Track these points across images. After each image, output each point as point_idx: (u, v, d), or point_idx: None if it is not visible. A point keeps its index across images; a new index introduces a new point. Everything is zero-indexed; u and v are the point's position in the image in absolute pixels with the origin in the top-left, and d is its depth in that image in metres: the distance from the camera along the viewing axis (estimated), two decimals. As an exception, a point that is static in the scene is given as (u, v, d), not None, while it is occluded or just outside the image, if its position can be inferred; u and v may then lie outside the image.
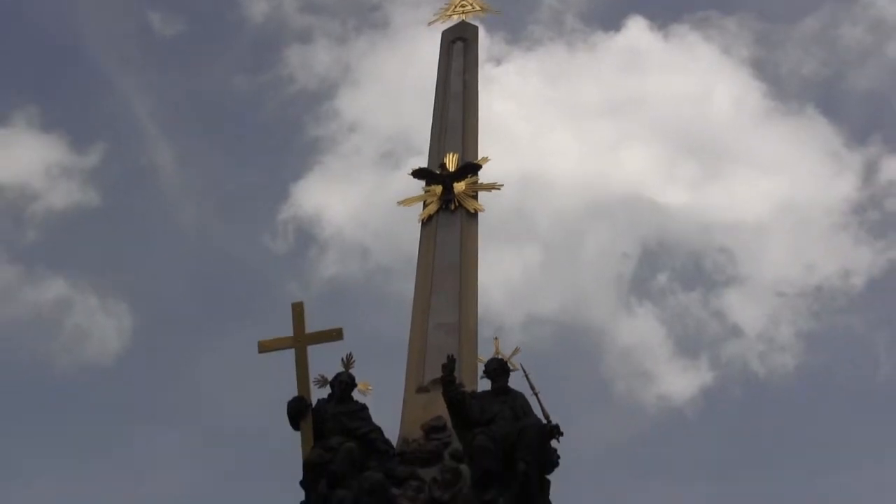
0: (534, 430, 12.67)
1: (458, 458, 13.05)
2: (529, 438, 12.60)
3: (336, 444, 13.20)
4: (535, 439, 12.63)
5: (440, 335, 14.54)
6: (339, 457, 13.07)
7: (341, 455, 13.08)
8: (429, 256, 15.48)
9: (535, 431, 12.67)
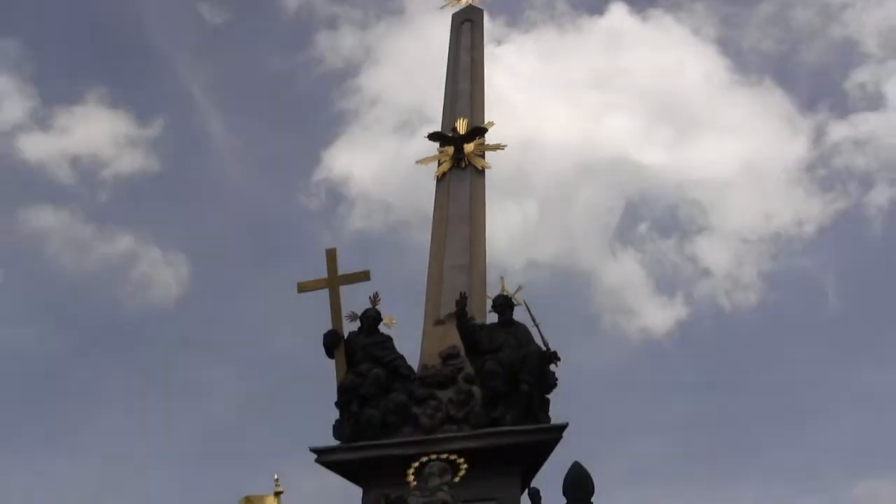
0: (535, 356, 12.69)
1: (471, 381, 13.04)
2: (531, 363, 12.62)
3: (365, 370, 13.23)
4: (537, 364, 12.65)
5: (454, 275, 14.51)
6: (368, 381, 13.09)
7: (370, 380, 13.10)
8: (443, 208, 15.46)
9: (537, 357, 12.69)
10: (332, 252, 14.04)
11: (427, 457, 12.17)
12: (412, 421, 12.86)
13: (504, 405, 12.50)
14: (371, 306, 13.87)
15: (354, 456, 12.78)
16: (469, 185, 15.60)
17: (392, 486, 12.05)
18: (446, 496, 11.49)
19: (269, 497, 12.09)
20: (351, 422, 12.93)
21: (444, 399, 12.97)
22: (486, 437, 12.44)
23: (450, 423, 12.75)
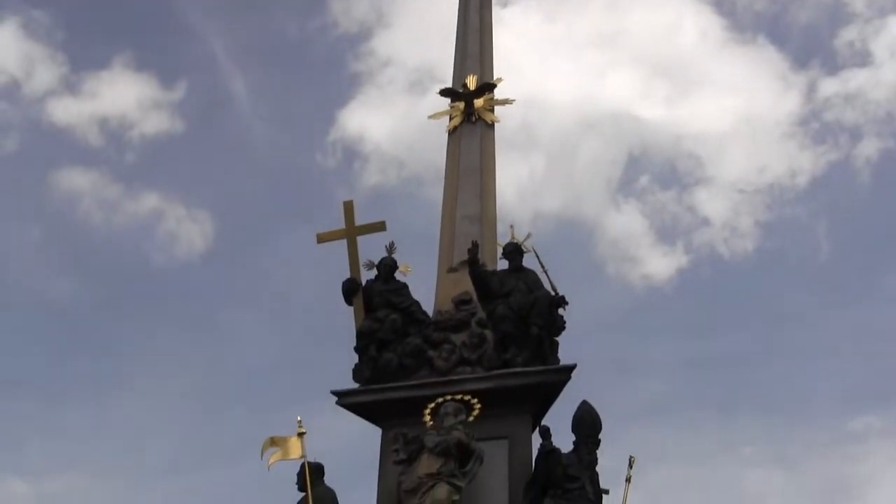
0: (544, 300, 12.65)
1: (483, 325, 13.02)
2: (541, 307, 12.58)
3: (382, 316, 13.22)
4: (546, 308, 12.61)
5: (466, 225, 14.45)
6: (386, 326, 13.10)
7: (387, 325, 13.10)
8: (454, 160, 15.37)
9: (546, 301, 12.65)
10: (349, 204, 14.03)
11: (442, 398, 12.20)
12: (428, 364, 12.87)
13: (515, 347, 12.48)
14: (387, 255, 13.85)
15: (373, 398, 12.81)
16: (479, 139, 15.50)
17: (409, 426, 12.08)
18: (461, 434, 11.51)
19: (293, 438, 12.11)
20: (369, 365, 12.94)
21: (457, 342, 12.96)
22: (499, 378, 12.45)
23: (463, 366, 12.75)
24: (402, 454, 11.72)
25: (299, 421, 12.18)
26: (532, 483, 11.24)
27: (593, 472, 11.35)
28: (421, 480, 11.33)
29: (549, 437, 11.07)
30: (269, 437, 12.15)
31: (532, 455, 11.77)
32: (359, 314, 13.42)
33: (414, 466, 11.54)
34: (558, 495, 10.94)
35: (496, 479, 11.88)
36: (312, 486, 11.74)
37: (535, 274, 13.12)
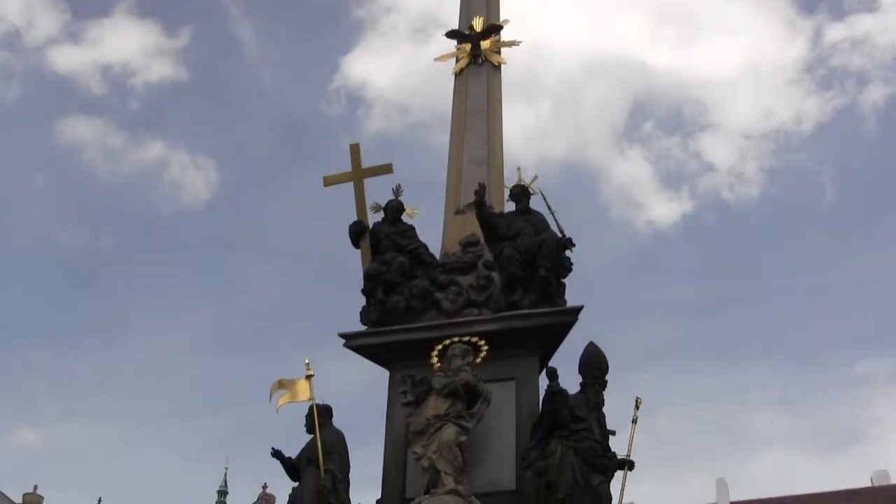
0: (551, 242, 12.60)
1: (490, 267, 12.99)
2: (548, 249, 12.54)
3: (390, 258, 13.20)
4: (553, 249, 12.57)
5: (472, 167, 14.35)
6: (393, 268, 13.08)
7: (394, 267, 13.09)
8: (461, 103, 15.23)
9: (553, 243, 12.61)
10: (356, 147, 13.95)
11: (450, 339, 12.19)
12: (435, 306, 12.87)
13: (522, 289, 12.47)
14: (394, 197, 13.82)
15: (380, 340, 12.81)
16: (486, 81, 15.34)
17: (417, 368, 12.08)
18: (468, 376, 11.53)
19: (301, 380, 12.14)
20: (377, 308, 12.94)
21: (464, 284, 12.95)
22: (506, 319, 12.44)
23: (471, 307, 12.74)
24: (410, 396, 11.75)
25: (307, 363, 12.21)
26: (539, 424, 11.24)
27: (600, 414, 11.34)
28: (428, 422, 11.37)
29: (555, 379, 11.06)
30: (277, 380, 12.19)
31: (539, 396, 11.76)
32: (366, 257, 13.40)
33: (421, 408, 11.57)
34: (565, 436, 10.94)
35: (503, 421, 11.92)
36: (321, 428, 11.77)
37: (541, 216, 13.06)
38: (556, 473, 10.72)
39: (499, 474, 11.72)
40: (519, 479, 11.57)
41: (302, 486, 11.63)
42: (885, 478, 44.15)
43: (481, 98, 15.14)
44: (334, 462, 11.59)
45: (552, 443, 10.92)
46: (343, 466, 11.66)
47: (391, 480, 12.11)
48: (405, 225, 13.68)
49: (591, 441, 10.98)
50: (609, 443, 11.28)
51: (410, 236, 13.53)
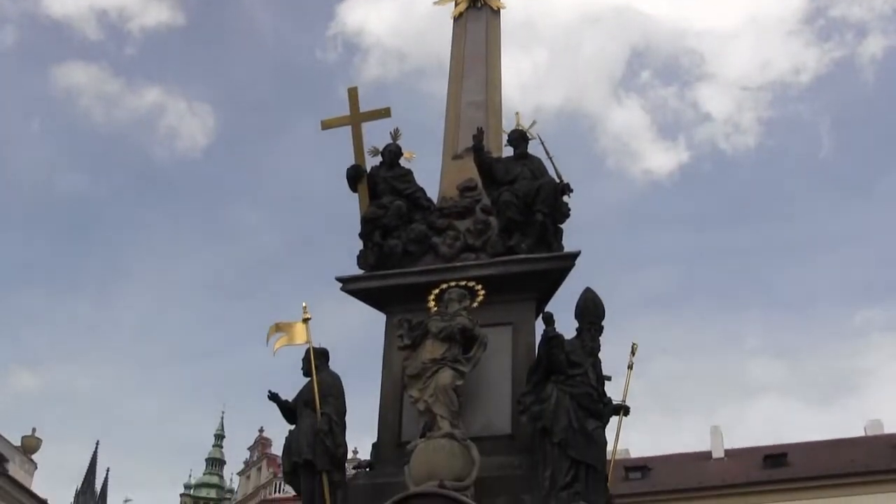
0: (549, 187, 12.57)
1: (488, 212, 12.99)
2: (546, 193, 12.51)
3: (387, 202, 13.18)
4: (551, 194, 12.54)
5: (471, 111, 14.27)
6: (390, 212, 13.07)
7: (392, 211, 13.07)
8: (460, 46, 15.12)
9: (551, 188, 12.58)
10: (354, 90, 13.85)
11: (446, 284, 12.19)
12: (432, 250, 12.87)
13: (520, 234, 12.46)
14: (392, 141, 13.77)
15: (378, 284, 12.82)
16: (485, 25, 15.21)
17: (413, 312, 12.09)
18: (465, 320, 11.56)
19: (298, 324, 12.16)
20: (374, 251, 12.93)
21: (462, 229, 12.95)
22: (503, 264, 12.44)
23: (468, 252, 12.75)
24: (407, 339, 11.77)
25: (304, 307, 12.21)
26: (535, 369, 11.27)
27: (596, 359, 11.36)
28: (425, 366, 11.40)
29: (552, 324, 11.07)
30: (274, 323, 12.20)
31: (535, 341, 11.78)
32: (363, 201, 13.37)
33: (418, 352, 11.60)
34: (561, 381, 10.97)
35: (499, 365, 11.94)
36: (318, 371, 11.80)
37: (539, 161, 13.01)
38: (552, 418, 10.75)
39: (494, 418, 11.79)
40: (514, 424, 11.63)
41: (298, 429, 11.67)
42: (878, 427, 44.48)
43: (480, 42, 15.03)
44: (331, 405, 11.63)
45: (548, 388, 10.95)
46: (339, 409, 11.71)
47: (387, 424, 12.17)
48: (403, 169, 13.64)
49: (587, 386, 11.01)
50: (605, 388, 11.31)
51: (408, 180, 13.50)
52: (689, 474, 40.91)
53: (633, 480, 40.05)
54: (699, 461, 42.98)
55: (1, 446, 37.19)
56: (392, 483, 11.13)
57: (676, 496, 39.06)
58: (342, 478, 11.52)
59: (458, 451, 10.91)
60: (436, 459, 10.83)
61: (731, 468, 41.45)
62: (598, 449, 10.83)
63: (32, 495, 38.28)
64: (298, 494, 11.69)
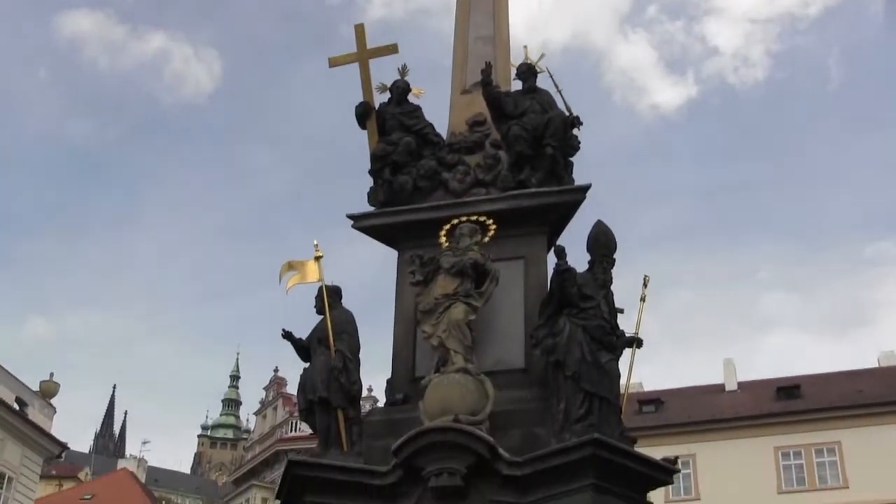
0: (559, 120, 12.50)
1: (497, 146, 12.92)
2: (555, 127, 12.44)
3: (396, 138, 13.12)
4: (560, 127, 12.47)
5: (478, 46, 14.12)
6: (400, 148, 13.02)
7: (401, 147, 13.02)
8: (467, -20, 14.95)
9: (560, 121, 12.50)
10: (360, 27, 13.75)
11: (457, 219, 12.18)
12: (442, 185, 12.84)
13: (530, 168, 12.42)
14: (400, 77, 13.67)
15: (388, 220, 12.82)
16: (492, -43, 15.01)
17: (425, 248, 12.10)
18: (477, 255, 11.56)
19: (310, 262, 12.15)
20: (384, 188, 12.91)
21: (472, 164, 12.90)
22: (513, 198, 12.41)
23: (478, 187, 12.71)
24: (419, 275, 11.79)
25: (316, 245, 12.20)
26: (547, 302, 11.27)
27: (608, 292, 11.35)
28: (437, 301, 11.43)
29: (564, 257, 11.04)
30: (286, 261, 12.20)
31: (547, 275, 11.78)
32: (372, 137, 13.31)
33: (430, 287, 11.63)
34: (573, 314, 10.97)
35: (512, 299, 11.97)
36: (331, 309, 11.83)
37: (549, 94, 12.92)
38: (565, 351, 10.76)
39: (507, 353, 11.83)
40: (527, 358, 11.68)
41: (312, 367, 11.71)
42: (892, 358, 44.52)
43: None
44: (344, 342, 11.66)
45: (560, 321, 10.95)
46: (353, 346, 11.74)
47: (401, 360, 12.23)
48: (411, 105, 13.53)
49: (600, 319, 11.00)
50: (617, 321, 11.31)
51: (417, 116, 13.41)
52: (702, 407, 41.09)
53: (647, 413, 40.27)
54: (712, 394, 43.16)
55: (20, 391, 37.49)
56: (407, 418, 11.20)
57: (689, 429, 39.26)
58: (357, 414, 11.58)
59: (472, 386, 10.97)
60: (450, 394, 10.89)
61: (744, 400, 41.62)
62: (612, 381, 10.84)
63: (52, 439, 38.66)
64: (314, 432, 11.76)
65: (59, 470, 63.73)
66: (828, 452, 38.49)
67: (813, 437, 38.50)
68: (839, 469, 38.12)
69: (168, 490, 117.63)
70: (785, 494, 38.08)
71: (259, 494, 51.80)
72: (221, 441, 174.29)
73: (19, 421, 36.40)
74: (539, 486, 10.43)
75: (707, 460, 38.43)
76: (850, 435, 38.00)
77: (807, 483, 38.30)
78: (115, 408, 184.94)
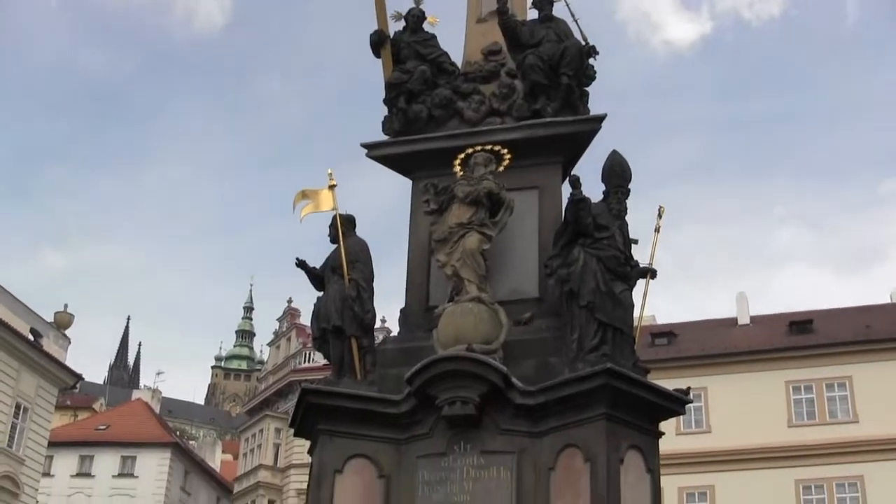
0: (574, 49, 12.36)
1: (513, 76, 12.82)
2: (571, 56, 12.31)
3: (411, 67, 13.00)
4: (576, 57, 12.34)
5: (494, -24, 13.96)
6: (415, 77, 12.91)
7: (416, 75, 12.92)
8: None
9: (576, 50, 12.37)
10: (375, -45, 13.58)
11: (472, 148, 12.14)
12: (457, 115, 12.76)
13: (545, 97, 12.33)
14: (415, 5, 13.55)
15: (403, 149, 12.77)
16: None
17: (439, 177, 12.10)
18: (491, 184, 11.54)
19: (324, 190, 12.14)
20: (399, 117, 12.84)
21: (487, 93, 12.80)
22: (528, 128, 12.35)
23: (493, 116, 12.64)
24: (433, 204, 11.79)
25: (330, 173, 12.18)
26: (562, 232, 11.25)
27: (622, 222, 11.33)
28: (452, 230, 11.42)
29: (578, 187, 10.99)
30: (300, 190, 12.19)
31: (562, 205, 11.76)
32: (387, 66, 13.18)
33: (445, 216, 11.63)
34: (588, 244, 10.96)
35: (526, 229, 11.97)
36: (344, 237, 11.83)
37: (565, 23, 12.76)
38: (579, 281, 10.77)
39: (521, 282, 11.85)
40: (542, 287, 11.70)
41: (326, 296, 11.74)
42: (905, 294, 44.43)
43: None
44: (358, 271, 11.68)
45: (575, 251, 10.95)
46: (367, 275, 11.76)
47: (415, 289, 12.26)
48: (426, 34, 13.40)
49: (614, 249, 11.00)
50: (631, 251, 11.31)
51: (432, 45, 13.28)
52: (715, 340, 41.17)
53: (659, 346, 40.38)
54: (725, 328, 43.23)
55: (34, 322, 37.72)
56: (420, 347, 11.26)
57: (701, 362, 39.36)
58: (371, 343, 11.64)
59: (486, 315, 11.01)
60: (463, 323, 10.94)
61: (757, 334, 41.68)
62: (626, 311, 10.86)
63: (67, 370, 38.97)
64: (328, 361, 11.83)
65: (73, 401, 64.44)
66: (838, 387, 38.58)
67: (824, 372, 38.57)
68: (849, 404, 38.24)
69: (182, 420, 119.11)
70: (795, 428, 38.25)
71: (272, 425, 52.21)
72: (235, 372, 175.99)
73: (34, 352, 36.68)
74: (552, 415, 10.51)
75: (718, 393, 38.59)
76: (861, 370, 38.07)
77: (817, 417, 38.45)
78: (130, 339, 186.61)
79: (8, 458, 35.42)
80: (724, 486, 37.56)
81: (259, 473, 51.31)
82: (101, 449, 55.22)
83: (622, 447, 10.21)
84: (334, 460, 10.84)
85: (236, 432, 74.46)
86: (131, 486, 54.27)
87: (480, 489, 10.44)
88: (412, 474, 10.73)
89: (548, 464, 10.40)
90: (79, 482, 54.26)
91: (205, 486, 59.92)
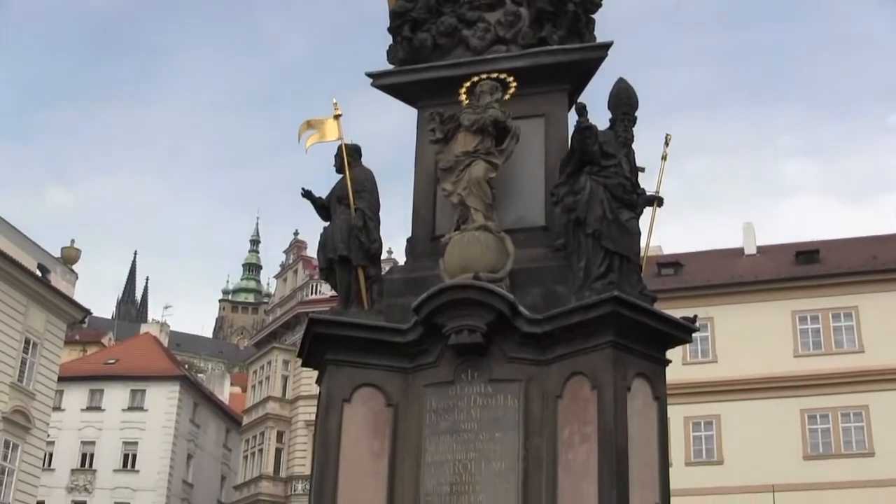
0: (580, -20, 12.24)
1: (518, 3, 12.62)
2: (578, -15, 12.20)
3: (417, -3, 12.88)
4: (583, -15, 12.22)
5: None
6: (419, 5, 12.72)
7: (421, 3, 12.71)
8: None
9: (582, -25, 12.25)
10: None
11: (478, 76, 12.04)
12: (463, 43, 12.61)
13: (551, 25, 12.20)
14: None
15: (408, 78, 12.66)
16: None
17: (445, 105, 12.00)
18: (497, 112, 11.45)
19: (329, 120, 12.06)
20: (404, 46, 12.72)
21: (492, 21, 12.63)
22: (534, 55, 12.23)
23: (499, 44, 12.49)
24: (439, 133, 11.72)
25: (335, 103, 12.09)
26: (568, 160, 11.20)
27: (629, 150, 11.26)
28: (458, 159, 11.38)
29: (585, 114, 10.91)
30: (305, 121, 12.11)
31: (568, 133, 11.69)
32: (392, -5, 13.09)
33: (450, 145, 11.57)
34: (594, 172, 10.90)
35: (532, 157, 11.92)
36: (350, 167, 11.79)
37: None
38: (585, 209, 10.73)
39: (528, 211, 11.84)
40: (548, 215, 11.68)
41: (332, 225, 11.71)
42: (912, 222, 44.37)
43: None
44: (364, 200, 11.63)
45: (581, 179, 10.89)
46: (373, 205, 11.72)
47: (421, 218, 12.25)
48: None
49: (621, 177, 10.94)
50: (638, 179, 11.26)
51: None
52: (722, 270, 41.25)
53: (666, 276, 40.47)
54: (731, 258, 43.29)
55: (41, 258, 37.82)
56: (427, 276, 11.27)
57: (708, 292, 39.47)
58: (378, 272, 11.63)
59: (492, 244, 11.01)
60: (470, 252, 10.94)
61: (764, 264, 41.75)
62: (632, 239, 10.84)
63: (75, 304, 39.15)
64: (335, 291, 11.83)
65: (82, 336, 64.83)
66: (845, 317, 38.73)
67: (830, 302, 38.69)
68: (855, 333, 38.40)
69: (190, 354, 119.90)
70: (801, 358, 38.47)
71: (280, 357, 52.54)
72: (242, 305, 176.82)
73: (42, 287, 36.84)
74: (559, 343, 10.54)
75: (725, 323, 38.75)
76: (867, 300, 38.18)
77: (823, 347, 38.64)
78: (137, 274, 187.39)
79: (19, 392, 35.74)
80: (729, 416, 37.87)
81: (268, 405, 51.73)
82: (111, 383, 55.76)
83: (629, 375, 10.25)
84: (342, 389, 10.90)
85: (244, 365, 75.03)
86: (141, 419, 54.87)
87: (488, 417, 10.51)
88: (420, 403, 10.80)
89: (555, 391, 10.45)
90: (89, 416, 54.89)
91: (214, 418, 60.51)
